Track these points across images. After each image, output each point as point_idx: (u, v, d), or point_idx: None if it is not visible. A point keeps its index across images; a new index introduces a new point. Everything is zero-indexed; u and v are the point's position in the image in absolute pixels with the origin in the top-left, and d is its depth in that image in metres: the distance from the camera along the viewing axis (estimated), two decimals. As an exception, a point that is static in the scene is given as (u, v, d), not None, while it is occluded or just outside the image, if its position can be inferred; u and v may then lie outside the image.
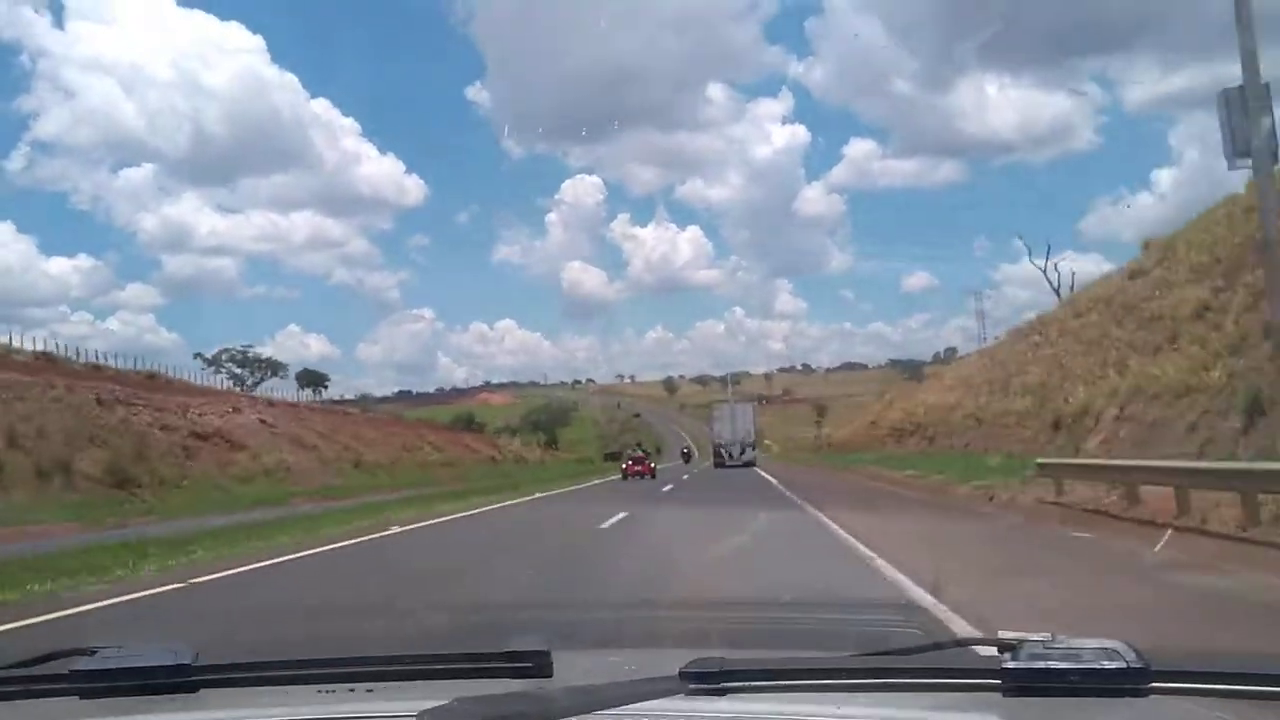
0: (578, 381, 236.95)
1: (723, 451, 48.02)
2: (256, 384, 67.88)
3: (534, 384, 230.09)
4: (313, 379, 65.66)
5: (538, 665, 1.38)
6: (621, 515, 15.14)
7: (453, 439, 61.29)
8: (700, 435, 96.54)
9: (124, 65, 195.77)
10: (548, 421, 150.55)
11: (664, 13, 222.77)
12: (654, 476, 35.48)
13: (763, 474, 33.79)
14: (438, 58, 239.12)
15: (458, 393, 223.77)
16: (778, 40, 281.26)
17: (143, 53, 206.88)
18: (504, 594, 7.70)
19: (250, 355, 70.70)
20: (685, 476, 35.78)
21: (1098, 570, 8.67)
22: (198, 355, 68.31)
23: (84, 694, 1.35)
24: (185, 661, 1.40)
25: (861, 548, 9.73)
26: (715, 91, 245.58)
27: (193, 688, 1.39)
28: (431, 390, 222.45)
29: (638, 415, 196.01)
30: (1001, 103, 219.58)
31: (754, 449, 49.32)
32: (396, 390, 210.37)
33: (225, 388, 53.83)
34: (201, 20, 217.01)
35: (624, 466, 37.47)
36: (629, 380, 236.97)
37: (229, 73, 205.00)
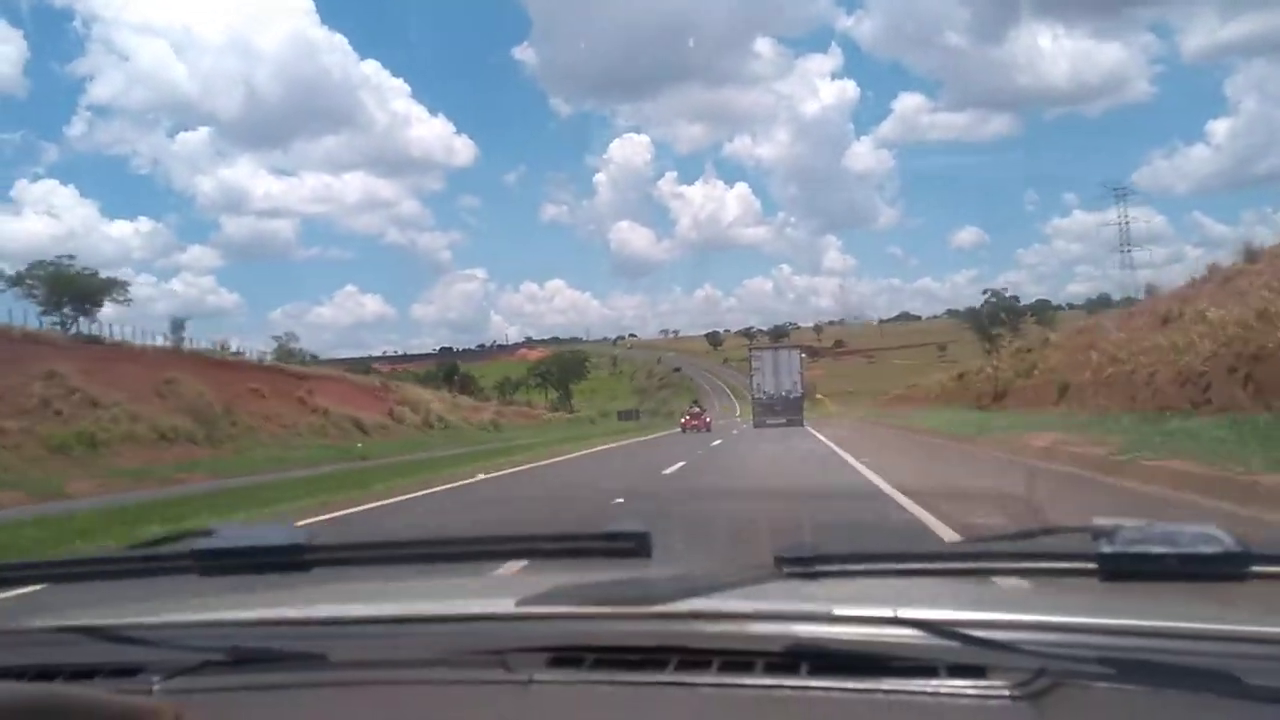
0: (621, 337, 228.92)
1: (763, 407, 41.31)
2: (81, 313, 44.65)
3: (576, 339, 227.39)
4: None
5: (637, 547, 1.30)
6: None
7: (278, 388, 36.31)
8: (745, 390, 76.14)
9: (176, 29, 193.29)
10: (559, 375, 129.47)
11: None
12: (709, 430, 38.65)
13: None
14: (485, 18, 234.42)
15: (500, 349, 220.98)
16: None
17: (193, 15, 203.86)
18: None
19: (72, 273, 46.41)
20: (718, 442, 25.62)
21: None
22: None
23: (203, 571, 1.36)
24: (298, 541, 1.37)
25: None
26: (763, 46, 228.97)
27: (305, 566, 1.37)
28: (473, 347, 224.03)
29: (678, 369, 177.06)
30: (1055, 53, 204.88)
31: (802, 405, 42.94)
32: (439, 347, 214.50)
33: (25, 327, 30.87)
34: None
35: (682, 421, 42.11)
36: (673, 335, 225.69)
37: (279, 34, 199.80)
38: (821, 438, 24.85)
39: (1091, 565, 1.14)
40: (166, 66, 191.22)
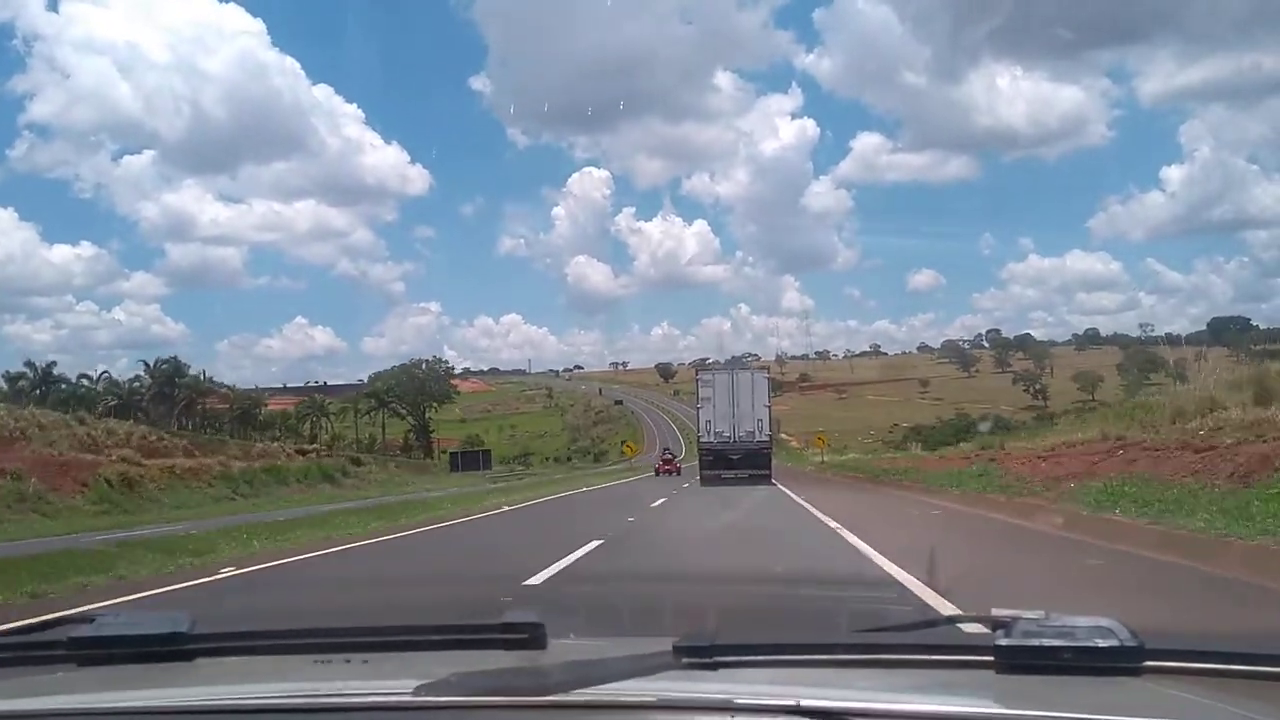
0: (568, 369, 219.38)
1: (715, 455, 29.49)
2: None
3: (519, 371, 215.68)
4: None
5: (532, 637, 1.35)
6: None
7: None
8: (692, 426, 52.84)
9: (120, 47, 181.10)
10: (410, 398, 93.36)
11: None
12: (679, 474, 38.51)
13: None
14: (441, 45, 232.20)
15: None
16: (786, 28, 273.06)
17: (140, 35, 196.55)
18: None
19: None
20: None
21: None
22: None
23: (81, 661, 1.33)
24: (181, 630, 1.37)
25: None
26: (723, 80, 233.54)
27: (188, 656, 1.37)
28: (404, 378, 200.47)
29: (619, 403, 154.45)
30: (1014, 96, 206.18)
31: (770, 453, 30.30)
32: (366, 377, 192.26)
33: None
34: (200, 1, 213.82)
35: (655, 466, 44.03)
36: (622, 367, 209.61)
37: (228, 56, 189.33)
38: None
39: (988, 657, 1.16)
40: (110, 86, 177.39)
